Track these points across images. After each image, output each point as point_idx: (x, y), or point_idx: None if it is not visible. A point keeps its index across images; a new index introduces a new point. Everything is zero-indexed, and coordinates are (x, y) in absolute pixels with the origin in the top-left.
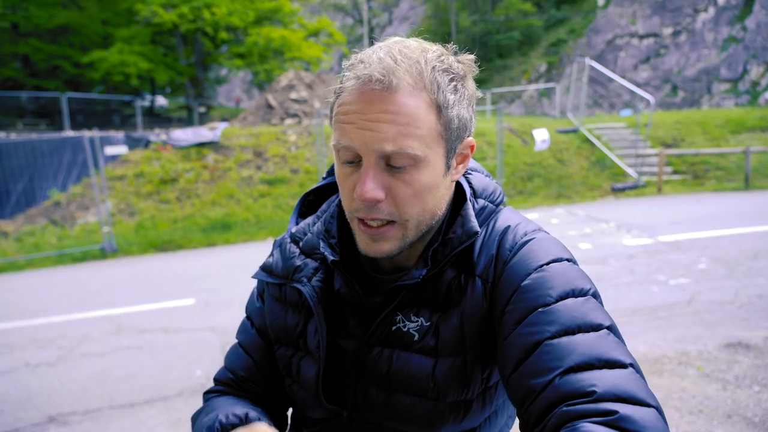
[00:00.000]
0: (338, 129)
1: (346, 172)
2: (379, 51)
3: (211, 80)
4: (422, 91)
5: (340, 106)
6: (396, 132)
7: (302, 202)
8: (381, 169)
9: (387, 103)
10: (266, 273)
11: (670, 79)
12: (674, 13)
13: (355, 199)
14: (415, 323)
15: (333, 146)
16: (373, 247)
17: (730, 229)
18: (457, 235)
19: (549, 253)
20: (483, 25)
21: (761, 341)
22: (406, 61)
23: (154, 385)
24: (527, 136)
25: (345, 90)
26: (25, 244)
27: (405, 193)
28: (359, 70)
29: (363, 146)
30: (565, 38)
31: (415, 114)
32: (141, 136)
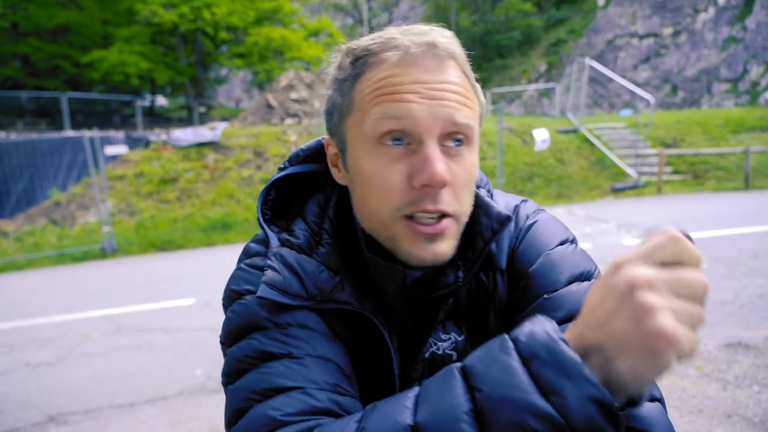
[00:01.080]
0: (386, 102)
1: (389, 159)
2: (410, 27)
3: (211, 80)
4: (466, 67)
5: (383, 80)
6: (462, 102)
7: (264, 202)
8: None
9: (449, 73)
10: (279, 292)
11: (670, 79)
12: (674, 13)
13: (413, 189)
14: (448, 341)
15: (371, 126)
16: (431, 251)
17: (730, 229)
18: (484, 225)
19: (554, 236)
20: (483, 25)
21: (761, 341)
22: (447, 32)
23: (154, 385)
24: (527, 136)
25: (385, 61)
26: (25, 243)
27: (463, 179)
28: (414, 36)
29: (430, 118)
30: (565, 38)
31: (469, 88)
32: (141, 136)
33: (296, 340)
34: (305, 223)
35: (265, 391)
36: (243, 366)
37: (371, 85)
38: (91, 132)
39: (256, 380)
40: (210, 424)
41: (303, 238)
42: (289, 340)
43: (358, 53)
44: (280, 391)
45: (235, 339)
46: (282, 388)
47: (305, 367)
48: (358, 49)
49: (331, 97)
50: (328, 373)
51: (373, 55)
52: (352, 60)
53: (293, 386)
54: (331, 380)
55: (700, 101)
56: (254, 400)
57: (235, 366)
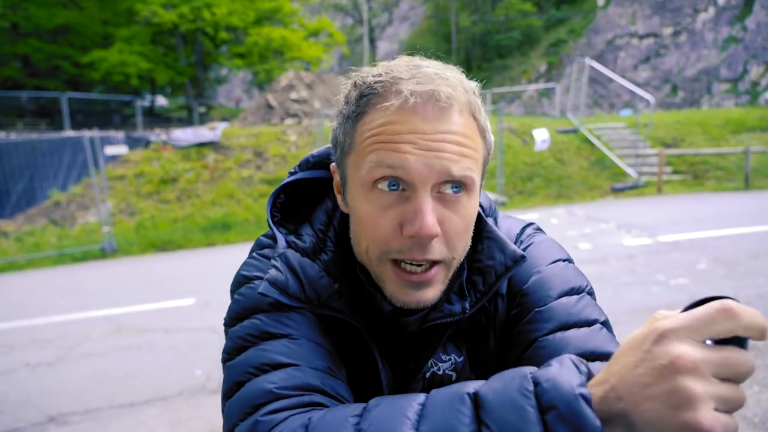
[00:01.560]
0: (381, 150)
1: (382, 204)
2: (421, 67)
3: (211, 80)
4: (472, 112)
5: (381, 126)
6: (460, 153)
7: (273, 204)
8: (434, 199)
9: (449, 122)
10: (279, 291)
11: (670, 79)
12: (674, 13)
13: (402, 237)
14: (448, 362)
15: (366, 172)
16: (415, 297)
17: (730, 229)
18: (498, 260)
19: (547, 256)
20: (483, 25)
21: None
22: (455, 76)
23: (154, 385)
24: (527, 136)
25: (385, 108)
26: (25, 244)
27: (458, 227)
28: (414, 86)
29: (425, 170)
30: (565, 38)
31: (472, 135)
32: (141, 136)
33: (295, 323)
34: (312, 229)
35: (263, 366)
36: (244, 343)
37: (370, 129)
38: (91, 132)
39: (255, 356)
40: (210, 424)
41: (309, 243)
42: (290, 322)
43: (363, 90)
44: (277, 367)
45: (239, 319)
46: (279, 364)
47: (302, 347)
48: (364, 85)
49: (335, 131)
50: (322, 357)
51: (375, 96)
52: (357, 97)
53: (290, 363)
54: (324, 363)
55: (700, 101)
56: (252, 374)
57: (237, 343)
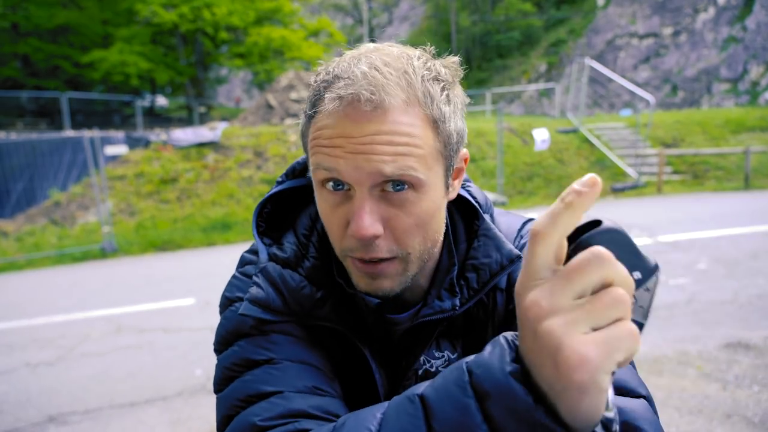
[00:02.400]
0: (319, 153)
1: (332, 203)
2: (358, 63)
3: (211, 80)
4: (416, 106)
5: (319, 130)
6: (394, 152)
7: (259, 214)
8: (376, 199)
9: (379, 123)
10: (261, 308)
11: (670, 79)
12: (674, 13)
13: (349, 236)
14: (441, 359)
15: (313, 173)
16: (373, 286)
17: (729, 229)
18: (494, 259)
19: None
20: (483, 25)
21: (761, 341)
22: (393, 72)
23: (154, 385)
24: (527, 136)
25: (323, 111)
26: (25, 243)
27: (406, 224)
28: (340, 89)
29: (356, 172)
30: (565, 38)
31: (412, 132)
32: (141, 136)
33: (276, 345)
34: (295, 236)
35: (248, 398)
36: (230, 374)
37: (314, 131)
38: (91, 132)
39: (240, 388)
40: (210, 424)
41: (290, 252)
42: (270, 345)
43: (314, 90)
44: (261, 397)
45: (225, 345)
46: (263, 394)
47: (284, 371)
48: (314, 84)
49: (301, 126)
50: (307, 376)
51: (319, 99)
52: (310, 96)
53: (272, 391)
54: (309, 383)
55: (700, 101)
56: (239, 407)
57: (224, 374)
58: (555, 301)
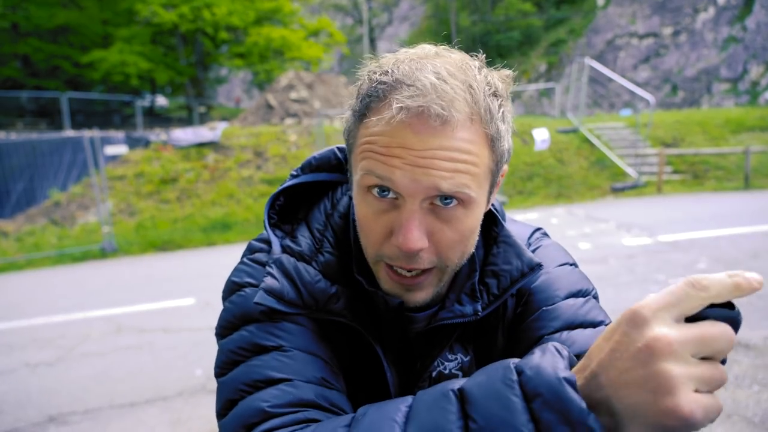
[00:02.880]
0: (372, 159)
1: (376, 209)
2: (423, 71)
3: (211, 80)
4: (477, 124)
5: (375, 135)
6: (453, 169)
7: (271, 206)
8: (425, 212)
9: (444, 138)
10: (275, 299)
11: (670, 79)
12: (674, 13)
13: (391, 244)
14: (454, 361)
15: (360, 177)
16: (406, 297)
17: (729, 229)
18: (514, 266)
19: (555, 259)
20: (483, 25)
21: (761, 341)
22: (459, 86)
23: (154, 385)
24: (527, 136)
25: (383, 118)
26: (25, 244)
27: (450, 239)
28: (408, 98)
29: (412, 185)
30: (565, 38)
31: (471, 150)
32: (141, 136)
33: (287, 333)
34: (309, 230)
35: (255, 382)
36: (235, 357)
37: (366, 135)
38: (91, 132)
39: (247, 372)
40: (210, 424)
41: (304, 245)
42: (281, 333)
43: (368, 90)
44: (270, 383)
45: (231, 329)
46: (271, 380)
47: (294, 360)
48: (370, 83)
49: (346, 121)
50: (316, 367)
51: (375, 100)
52: (364, 95)
53: (282, 378)
54: (318, 374)
55: (700, 101)
56: (245, 392)
57: (228, 357)
58: (683, 348)
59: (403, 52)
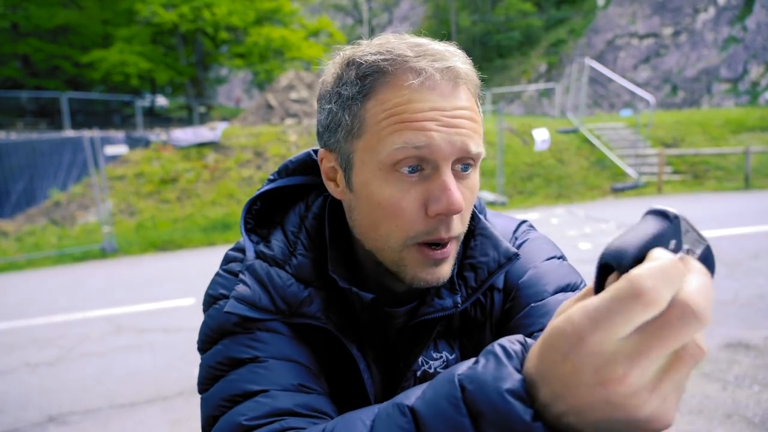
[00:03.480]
0: (403, 131)
1: (403, 188)
2: (426, 44)
3: (211, 80)
4: (475, 90)
5: (400, 106)
6: (474, 129)
7: (248, 212)
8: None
9: (463, 99)
10: (248, 307)
11: (670, 79)
12: (674, 13)
13: (428, 217)
14: (439, 359)
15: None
16: (435, 274)
17: (730, 229)
18: (491, 257)
19: (542, 253)
20: (483, 25)
21: (761, 341)
22: (462, 55)
23: (154, 385)
24: (527, 136)
25: (400, 86)
26: (25, 243)
27: (469, 202)
28: (432, 62)
29: (448, 146)
30: (565, 38)
31: (477, 111)
32: (141, 136)
33: (261, 343)
34: (283, 234)
35: (233, 397)
36: (215, 373)
37: (387, 109)
38: (91, 132)
39: (225, 387)
40: None
41: (277, 249)
42: (255, 343)
43: (365, 70)
44: (247, 396)
45: (209, 344)
46: (248, 393)
47: (270, 370)
48: (364, 64)
49: (334, 112)
50: (293, 374)
51: (383, 75)
52: (359, 76)
53: (258, 390)
54: (295, 381)
55: (700, 101)
56: (224, 407)
57: (208, 373)
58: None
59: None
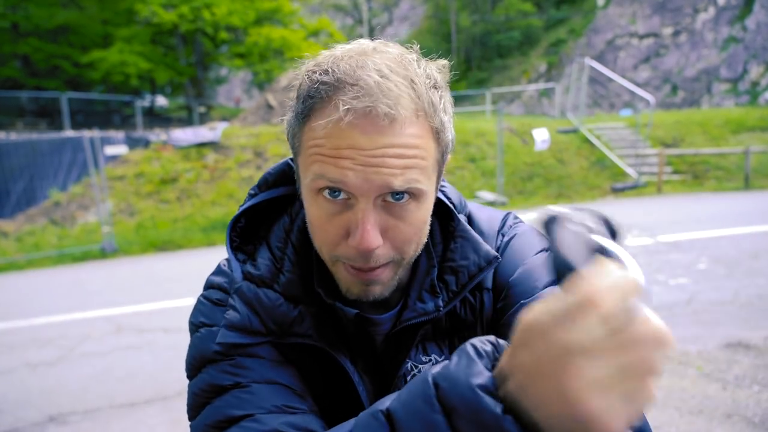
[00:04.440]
0: (322, 163)
1: (328, 211)
2: (365, 69)
3: (211, 80)
4: (423, 118)
5: (322, 138)
6: (403, 165)
7: (232, 229)
8: (378, 209)
9: (392, 136)
10: (239, 333)
11: (670, 79)
12: (674, 13)
13: (348, 245)
14: (428, 362)
15: (310, 181)
16: (366, 292)
17: (730, 229)
18: (471, 260)
19: (532, 247)
20: (483, 25)
21: (761, 341)
22: (402, 81)
23: (154, 385)
24: (527, 136)
25: (330, 120)
26: (25, 243)
27: (404, 233)
28: (354, 99)
29: (364, 185)
30: (565, 38)
31: (419, 144)
32: (141, 136)
33: (242, 369)
34: (269, 250)
35: (219, 423)
36: (200, 400)
37: (313, 138)
38: (91, 132)
39: (210, 414)
40: None
41: (264, 268)
42: (236, 369)
43: (309, 91)
44: (232, 422)
45: (194, 371)
46: (233, 418)
47: (253, 394)
48: (310, 83)
49: (289, 123)
50: (276, 396)
51: (319, 101)
52: (304, 96)
53: (243, 415)
54: (279, 402)
55: (700, 101)
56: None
57: (195, 401)
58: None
59: (339, 48)
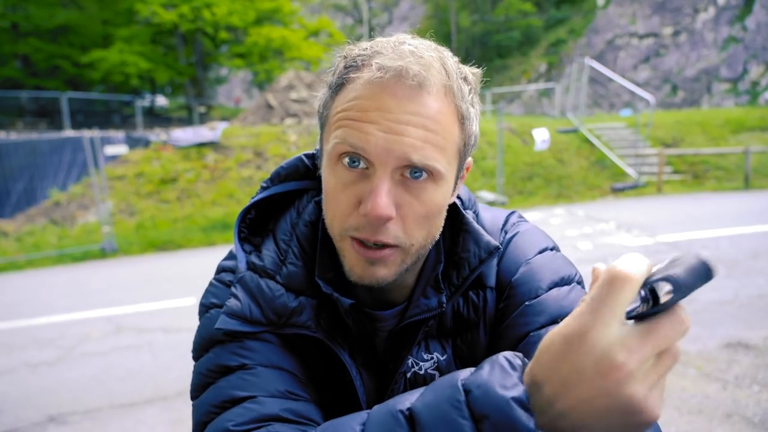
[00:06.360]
0: (345, 127)
1: (344, 180)
2: (399, 44)
3: (211, 80)
4: (450, 96)
5: (351, 101)
6: (425, 139)
7: (242, 221)
8: (395, 182)
9: (419, 103)
10: (239, 321)
11: (670, 79)
12: (674, 13)
13: (359, 214)
14: (430, 360)
15: (332, 147)
16: (369, 272)
17: (730, 229)
18: (472, 252)
19: (534, 246)
20: (483, 25)
21: (761, 341)
22: (435, 57)
23: (154, 385)
24: (527, 136)
25: (359, 80)
26: (25, 243)
27: (417, 213)
28: (387, 60)
29: (384, 152)
30: (565, 38)
31: (443, 121)
32: (141, 135)
33: (250, 351)
34: (275, 243)
35: (222, 403)
36: (206, 380)
37: (342, 103)
38: (91, 132)
39: (215, 394)
40: None
41: (268, 260)
42: (244, 351)
43: (348, 62)
44: (235, 402)
45: (202, 351)
46: (236, 399)
47: (258, 376)
48: (349, 57)
49: (321, 99)
50: (280, 381)
51: (354, 69)
52: (341, 69)
53: (246, 396)
54: (283, 387)
55: (700, 101)
56: (214, 413)
57: (200, 380)
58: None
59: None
